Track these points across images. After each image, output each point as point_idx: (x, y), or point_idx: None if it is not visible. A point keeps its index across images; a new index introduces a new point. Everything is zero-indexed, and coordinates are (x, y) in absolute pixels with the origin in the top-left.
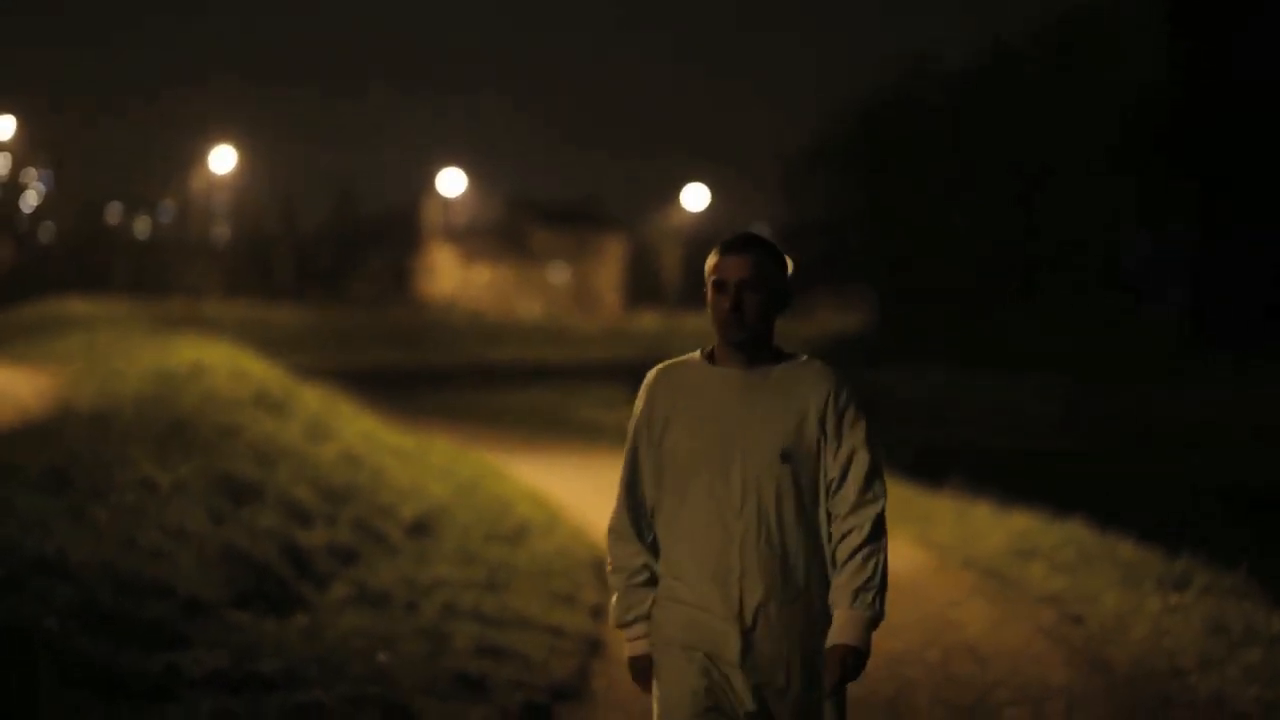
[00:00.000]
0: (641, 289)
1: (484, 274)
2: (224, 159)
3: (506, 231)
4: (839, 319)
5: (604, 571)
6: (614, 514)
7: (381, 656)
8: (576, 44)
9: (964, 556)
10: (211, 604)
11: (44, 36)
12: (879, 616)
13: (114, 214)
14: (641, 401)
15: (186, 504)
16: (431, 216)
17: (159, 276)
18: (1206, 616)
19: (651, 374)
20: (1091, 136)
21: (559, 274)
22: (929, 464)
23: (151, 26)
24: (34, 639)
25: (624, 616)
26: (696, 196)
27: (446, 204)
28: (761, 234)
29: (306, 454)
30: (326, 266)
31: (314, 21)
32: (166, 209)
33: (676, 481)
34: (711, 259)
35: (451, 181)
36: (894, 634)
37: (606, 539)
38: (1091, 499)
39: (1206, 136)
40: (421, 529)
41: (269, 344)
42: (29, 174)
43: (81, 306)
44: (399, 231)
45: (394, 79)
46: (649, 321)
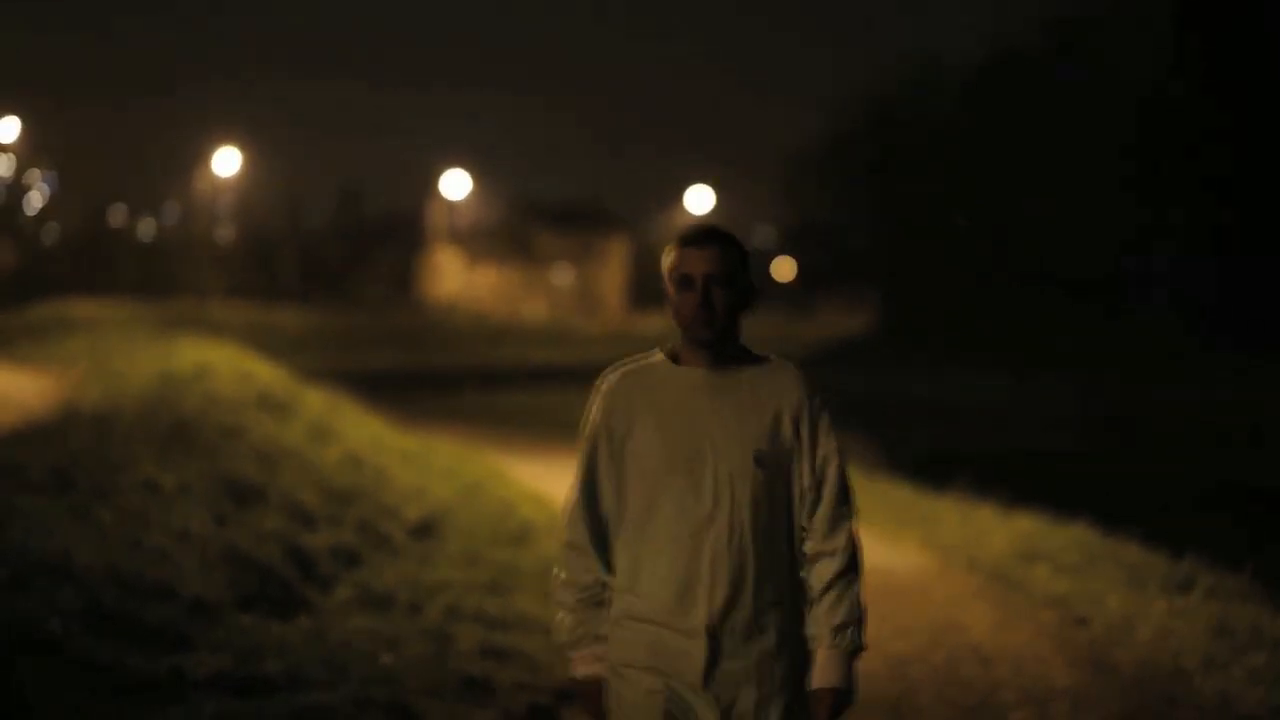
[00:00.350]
0: (645, 291)
1: (488, 276)
2: (228, 160)
3: (510, 233)
4: (843, 320)
5: None
6: (568, 527)
7: (385, 658)
8: (581, 45)
9: (968, 558)
10: (215, 606)
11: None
12: (860, 649)
13: (118, 215)
14: (599, 406)
15: (190, 506)
16: (436, 218)
17: (163, 278)
18: (1211, 618)
19: (610, 376)
20: (1100, 137)
21: (563, 276)
22: (933, 466)
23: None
24: (38, 640)
25: (575, 635)
26: (701, 198)
27: (451, 206)
28: (723, 227)
29: (310, 456)
30: (331, 268)
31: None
32: (171, 210)
33: (642, 490)
34: (672, 253)
35: (456, 183)
36: (899, 636)
37: (560, 553)
38: (1096, 500)
39: (1217, 136)
40: (425, 531)
41: (273, 346)
42: (33, 175)
43: (85, 308)
44: (403, 233)
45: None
46: (653, 323)
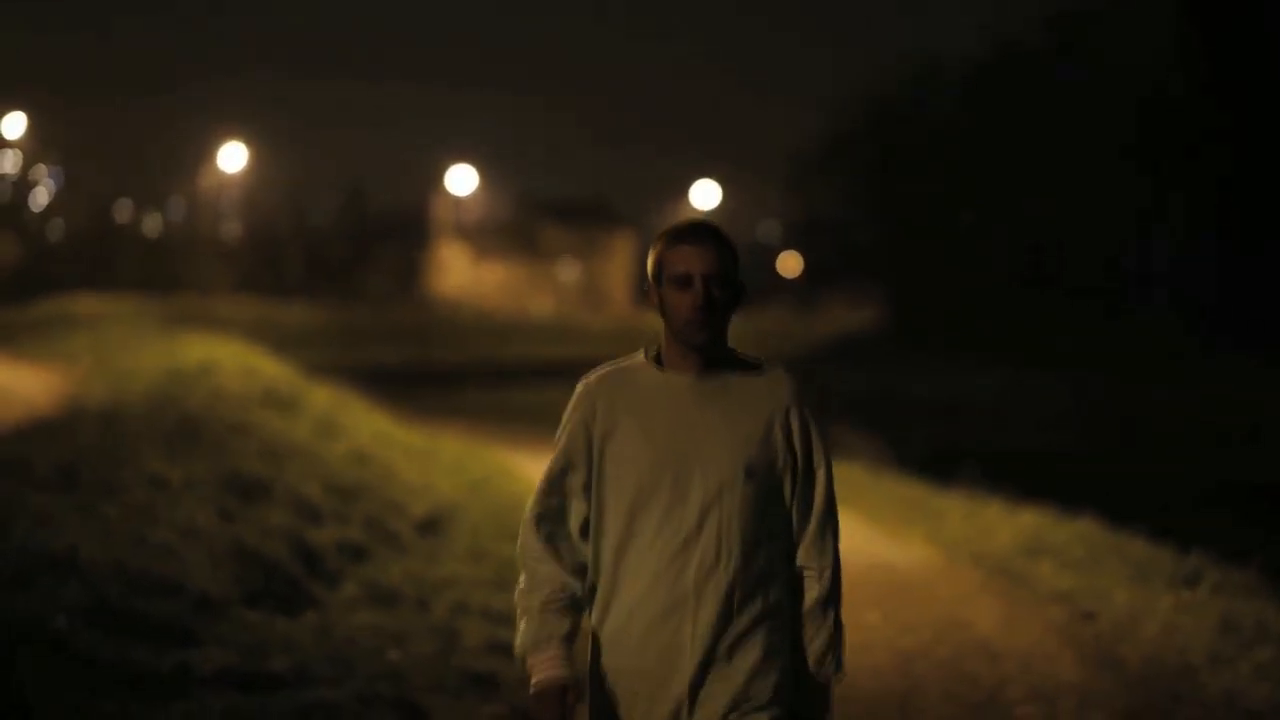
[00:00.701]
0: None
1: (493, 271)
2: (234, 155)
3: (516, 228)
4: (849, 317)
5: None
6: (527, 539)
7: (392, 654)
8: (582, 45)
9: (974, 554)
10: (222, 602)
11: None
12: (843, 675)
13: (124, 211)
14: (578, 412)
15: (196, 502)
16: (441, 213)
17: (168, 274)
18: (1218, 614)
19: (590, 381)
20: (1101, 133)
21: (568, 271)
22: (939, 462)
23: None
24: (44, 637)
25: (537, 638)
26: (706, 193)
27: (456, 201)
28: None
29: (316, 452)
30: (336, 264)
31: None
32: (176, 206)
33: (625, 504)
34: (664, 249)
35: (461, 179)
36: (905, 631)
37: (521, 559)
38: (1099, 497)
39: (1218, 136)
40: (432, 527)
41: (278, 342)
42: (38, 171)
43: (91, 304)
44: (408, 228)
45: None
46: (658, 319)
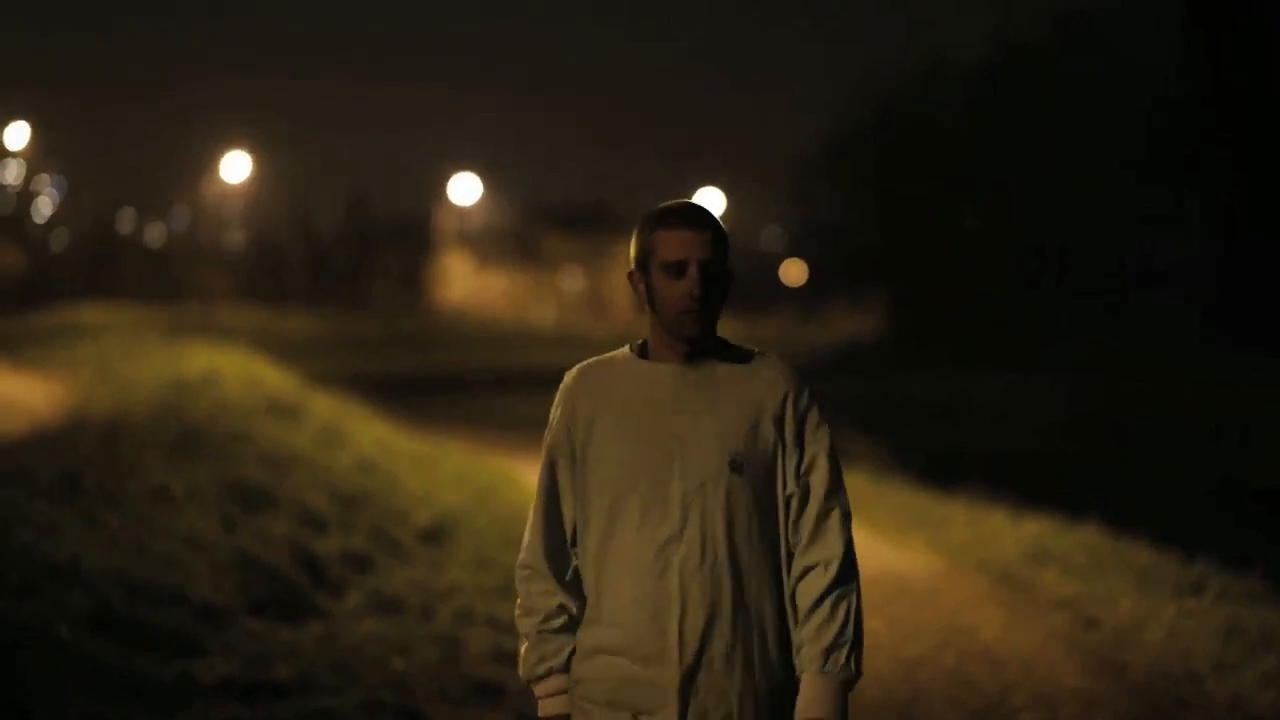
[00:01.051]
0: None
1: (497, 279)
2: (237, 164)
3: (519, 237)
4: (852, 323)
5: None
6: (526, 547)
7: (396, 663)
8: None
9: (978, 560)
10: (225, 611)
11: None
12: (854, 677)
13: (126, 220)
14: (559, 409)
15: (199, 511)
16: (445, 221)
17: (171, 283)
18: (1222, 621)
19: (570, 375)
20: (1108, 135)
21: (571, 279)
22: (943, 467)
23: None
24: (47, 646)
25: (536, 669)
26: (709, 201)
27: (460, 210)
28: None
29: (320, 461)
30: (339, 272)
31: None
32: (180, 215)
33: (605, 502)
34: (652, 233)
35: (465, 187)
36: (909, 638)
37: (517, 577)
38: (1106, 501)
39: (1227, 137)
40: (436, 535)
41: (281, 350)
42: (41, 180)
43: (94, 314)
44: (412, 236)
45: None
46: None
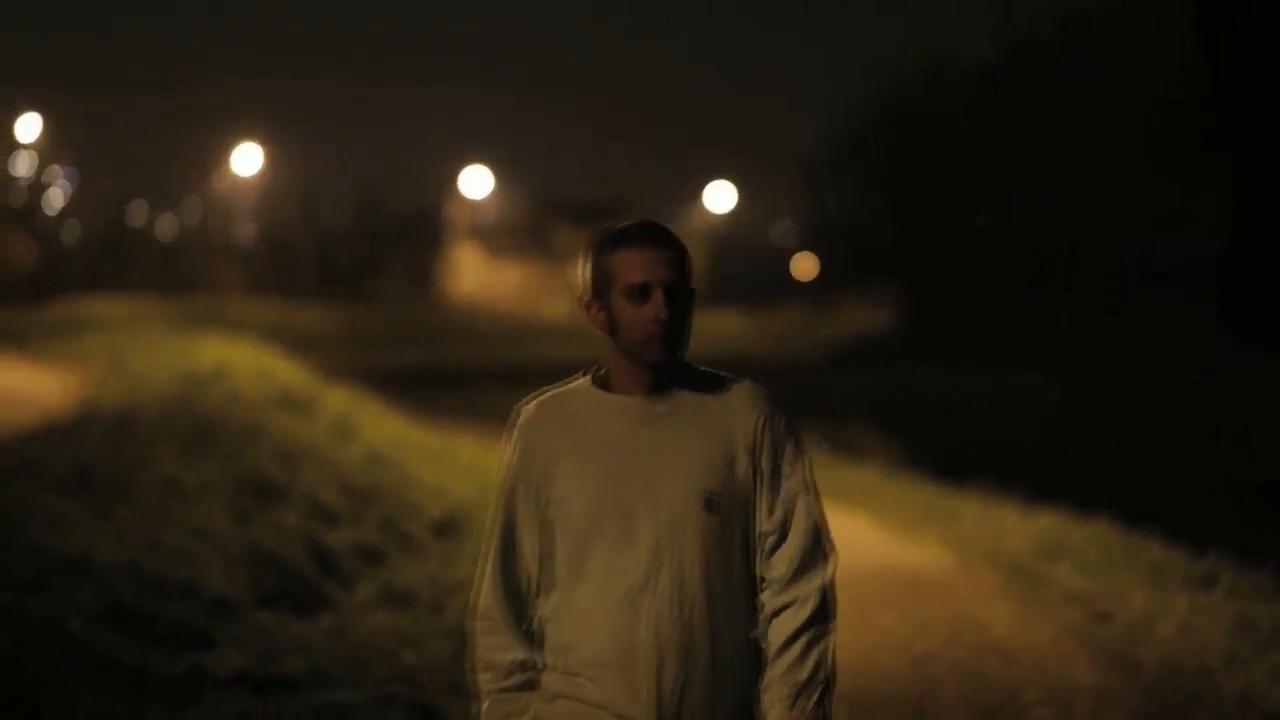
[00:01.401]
0: None
1: (508, 273)
2: (248, 157)
3: (530, 231)
4: (863, 318)
5: None
6: (482, 595)
7: (408, 657)
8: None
9: (989, 556)
10: (237, 604)
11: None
12: None
13: (138, 213)
14: (516, 447)
15: (211, 504)
16: (455, 215)
17: (183, 276)
18: (1233, 616)
19: (527, 410)
20: (1115, 134)
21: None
22: (954, 462)
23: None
24: (58, 640)
25: None
26: (721, 195)
27: (471, 204)
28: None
29: (331, 454)
30: (350, 266)
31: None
32: (191, 207)
33: (569, 549)
34: (611, 254)
35: (476, 180)
36: (920, 633)
37: (471, 627)
38: (1118, 497)
39: (1233, 135)
40: (447, 529)
41: (293, 344)
42: (53, 173)
43: (105, 307)
44: (423, 230)
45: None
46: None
